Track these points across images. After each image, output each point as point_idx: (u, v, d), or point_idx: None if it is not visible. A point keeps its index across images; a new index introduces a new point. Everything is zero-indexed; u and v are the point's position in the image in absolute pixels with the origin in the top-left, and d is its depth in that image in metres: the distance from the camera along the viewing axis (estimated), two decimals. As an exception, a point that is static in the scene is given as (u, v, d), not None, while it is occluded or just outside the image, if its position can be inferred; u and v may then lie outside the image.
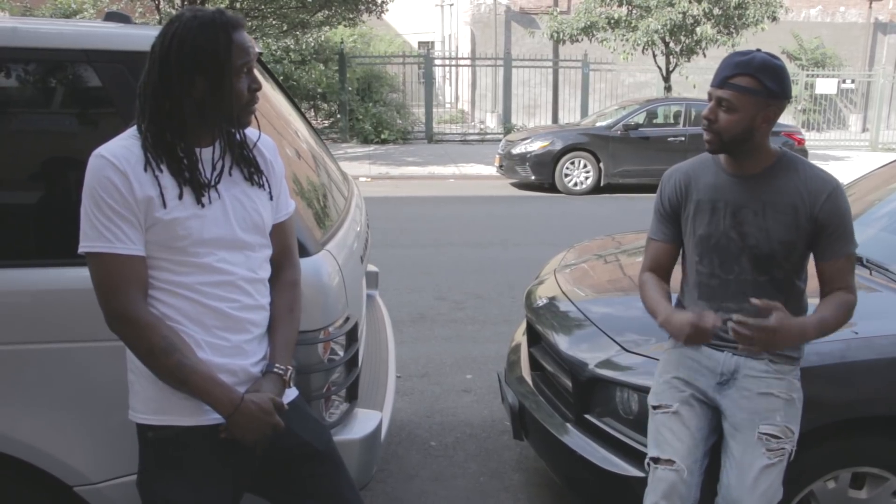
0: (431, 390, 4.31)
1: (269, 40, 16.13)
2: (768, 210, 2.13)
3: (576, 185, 11.50)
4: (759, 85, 2.03)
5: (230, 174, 1.72)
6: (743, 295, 2.18)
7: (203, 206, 1.64)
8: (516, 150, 11.80)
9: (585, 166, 11.52)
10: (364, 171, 13.53)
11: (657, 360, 2.41)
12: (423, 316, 5.66)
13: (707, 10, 13.07)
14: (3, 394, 1.99)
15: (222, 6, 13.89)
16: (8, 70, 2.04)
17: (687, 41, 13.48)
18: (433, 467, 3.46)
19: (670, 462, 2.09)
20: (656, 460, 2.12)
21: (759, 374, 2.15)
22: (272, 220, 1.81)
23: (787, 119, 19.25)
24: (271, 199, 1.80)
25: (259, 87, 1.69)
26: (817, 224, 2.09)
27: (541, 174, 11.55)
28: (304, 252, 2.04)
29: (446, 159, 15.11)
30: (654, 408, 2.22)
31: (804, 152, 12.27)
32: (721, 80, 2.07)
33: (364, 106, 17.79)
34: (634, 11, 13.65)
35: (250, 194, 1.74)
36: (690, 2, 12.99)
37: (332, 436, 1.92)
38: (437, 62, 25.52)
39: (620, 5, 13.52)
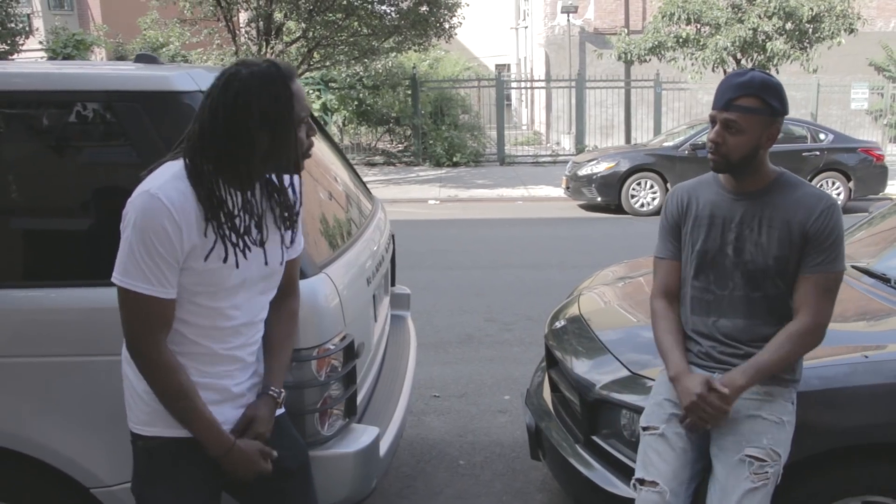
0: (468, 410, 4.38)
1: (341, 67, 16.65)
2: (763, 226, 2.15)
3: (642, 205, 11.38)
4: (763, 105, 2.06)
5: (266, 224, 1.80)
6: (735, 311, 2.20)
7: (238, 266, 1.72)
8: (582, 172, 11.78)
9: (652, 187, 11.39)
10: (434, 194, 13.75)
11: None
12: (471, 337, 5.73)
13: (778, 26, 12.75)
14: (42, 404, 2.18)
15: (295, 36, 14.48)
16: (44, 109, 2.27)
17: (759, 58, 13.16)
18: (458, 485, 3.53)
19: (654, 484, 2.10)
20: (641, 481, 2.14)
21: (748, 396, 2.14)
22: (287, 257, 1.90)
23: (871, 133, 18.49)
24: (292, 242, 1.88)
25: (315, 133, 1.78)
26: (807, 238, 2.10)
27: (607, 195, 11.49)
28: (301, 275, 2.16)
29: (516, 181, 15.18)
30: (644, 429, 2.24)
31: (884, 168, 11.81)
32: (726, 103, 2.08)
33: (437, 129, 18.08)
34: (703, 30, 13.44)
35: (274, 240, 1.83)
36: (761, 17, 12.70)
37: (308, 457, 2.01)
38: (513, 84, 25.79)
39: (688, 24, 13.34)
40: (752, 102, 2.06)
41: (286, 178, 1.84)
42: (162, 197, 1.62)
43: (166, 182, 1.65)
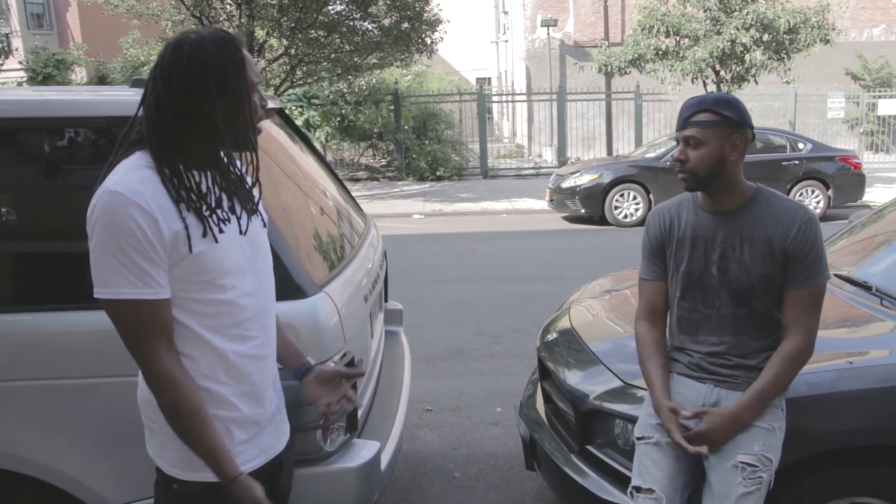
0: (461, 423, 4.42)
1: (324, 84, 16.70)
2: (745, 244, 2.21)
3: (626, 217, 11.50)
4: (718, 117, 2.17)
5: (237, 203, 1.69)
6: (724, 329, 2.26)
7: (218, 239, 1.60)
8: (566, 184, 11.88)
9: (635, 198, 11.51)
10: (418, 209, 13.81)
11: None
12: (461, 351, 5.78)
13: (756, 38, 12.98)
14: (50, 426, 2.21)
15: (278, 53, 14.53)
16: (45, 135, 2.32)
17: (738, 69, 13.39)
18: (454, 497, 3.57)
19: (650, 491, 2.16)
20: (638, 489, 2.20)
21: (739, 404, 2.20)
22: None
23: (848, 142, 18.80)
24: (265, 225, 1.79)
25: (267, 104, 1.70)
26: (788, 255, 2.17)
27: (590, 207, 11.59)
28: (302, 294, 2.21)
29: (500, 195, 15.27)
30: (638, 439, 2.29)
31: (861, 176, 12.02)
32: (684, 121, 2.22)
33: (420, 144, 18.17)
34: (682, 42, 13.66)
35: (253, 219, 1.75)
36: (738, 29, 12.93)
37: (291, 486, 1.97)
38: (494, 98, 25.99)
39: (667, 36, 13.55)
40: (707, 116, 2.18)
41: (238, 165, 1.74)
42: (122, 190, 1.49)
43: (122, 175, 1.53)
